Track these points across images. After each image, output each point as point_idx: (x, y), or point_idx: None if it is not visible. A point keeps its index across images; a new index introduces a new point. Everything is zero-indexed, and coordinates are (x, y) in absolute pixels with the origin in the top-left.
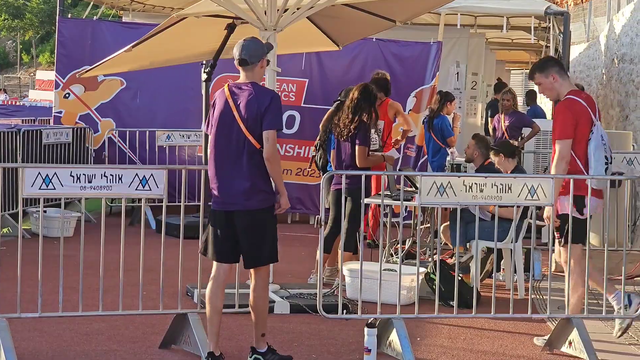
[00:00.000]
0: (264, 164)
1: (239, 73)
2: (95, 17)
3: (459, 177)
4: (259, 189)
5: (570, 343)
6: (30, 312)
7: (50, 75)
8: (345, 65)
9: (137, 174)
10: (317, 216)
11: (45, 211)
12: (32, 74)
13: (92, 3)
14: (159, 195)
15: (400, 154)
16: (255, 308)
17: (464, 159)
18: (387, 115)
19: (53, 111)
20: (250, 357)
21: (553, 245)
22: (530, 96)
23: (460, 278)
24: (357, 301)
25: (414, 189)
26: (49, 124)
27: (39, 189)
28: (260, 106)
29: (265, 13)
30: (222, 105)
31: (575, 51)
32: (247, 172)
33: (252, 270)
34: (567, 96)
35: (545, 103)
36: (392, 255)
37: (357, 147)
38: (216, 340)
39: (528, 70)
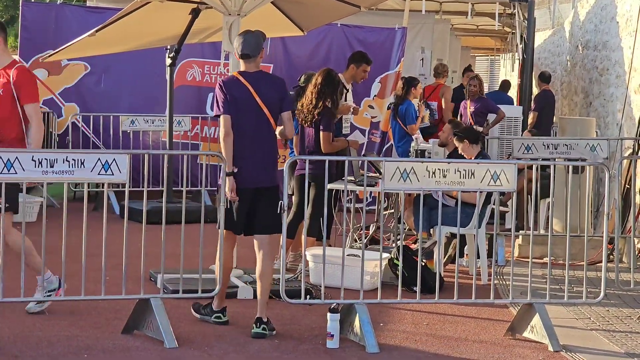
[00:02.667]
0: (277, 144)
1: (203, 58)
2: (59, 1)
3: (422, 162)
4: (276, 168)
5: (532, 328)
6: None
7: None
8: (310, 51)
9: (99, 159)
10: (280, 202)
11: None
12: None
13: None
14: (121, 180)
15: (365, 139)
16: (265, 275)
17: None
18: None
19: None
20: (259, 327)
21: (517, 231)
22: (504, 86)
23: (423, 263)
24: (320, 286)
25: (378, 174)
26: None
27: (0, 173)
28: (279, 92)
29: None
30: (243, 93)
31: (540, 38)
32: (272, 152)
33: (262, 242)
34: (20, 64)
35: (511, 92)
36: (355, 241)
37: (321, 133)
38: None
39: (492, 57)
